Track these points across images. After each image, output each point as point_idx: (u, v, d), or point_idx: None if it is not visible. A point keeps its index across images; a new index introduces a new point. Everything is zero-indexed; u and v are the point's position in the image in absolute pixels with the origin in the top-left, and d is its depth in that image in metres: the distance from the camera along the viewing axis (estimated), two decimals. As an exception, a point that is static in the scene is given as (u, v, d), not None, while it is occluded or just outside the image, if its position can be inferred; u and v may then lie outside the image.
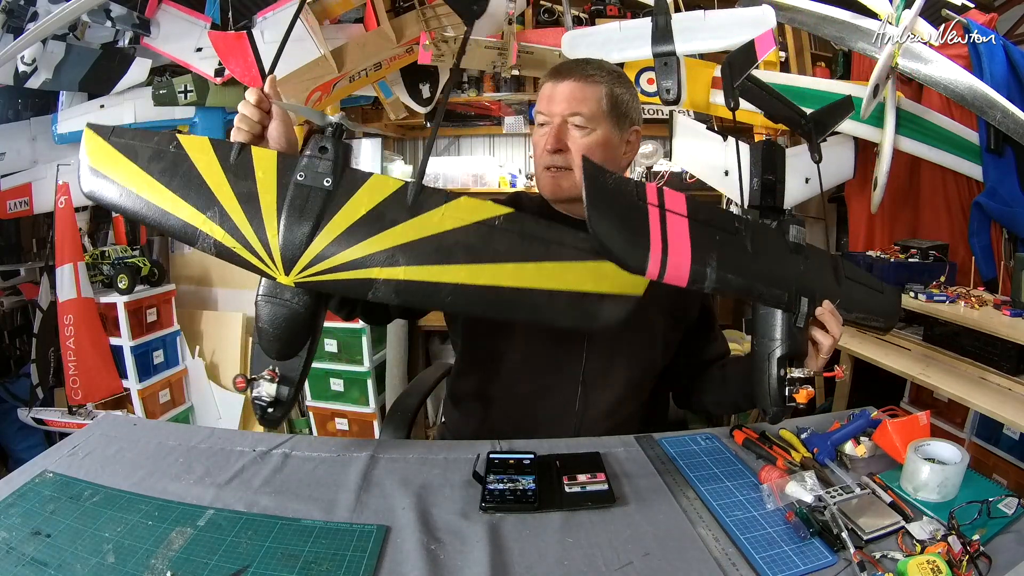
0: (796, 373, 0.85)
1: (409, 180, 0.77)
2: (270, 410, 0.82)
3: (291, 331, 0.79)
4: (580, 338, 1.08)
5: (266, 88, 0.86)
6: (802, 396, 0.85)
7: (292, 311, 0.78)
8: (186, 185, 0.75)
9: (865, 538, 0.72)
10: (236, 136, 0.84)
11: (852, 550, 0.68)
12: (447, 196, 0.77)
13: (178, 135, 0.78)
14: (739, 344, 2.29)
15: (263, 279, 0.78)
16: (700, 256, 0.76)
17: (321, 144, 0.77)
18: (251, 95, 0.85)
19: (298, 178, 0.76)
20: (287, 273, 0.74)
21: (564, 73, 1.07)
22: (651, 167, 2.82)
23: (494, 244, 0.76)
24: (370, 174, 0.77)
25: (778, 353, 0.85)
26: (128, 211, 0.76)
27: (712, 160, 2.38)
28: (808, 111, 0.99)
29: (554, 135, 1.05)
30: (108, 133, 0.79)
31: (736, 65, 0.93)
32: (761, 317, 0.88)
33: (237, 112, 0.84)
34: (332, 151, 0.77)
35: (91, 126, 0.80)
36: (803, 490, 0.77)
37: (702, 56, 2.33)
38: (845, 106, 1.01)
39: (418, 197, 0.76)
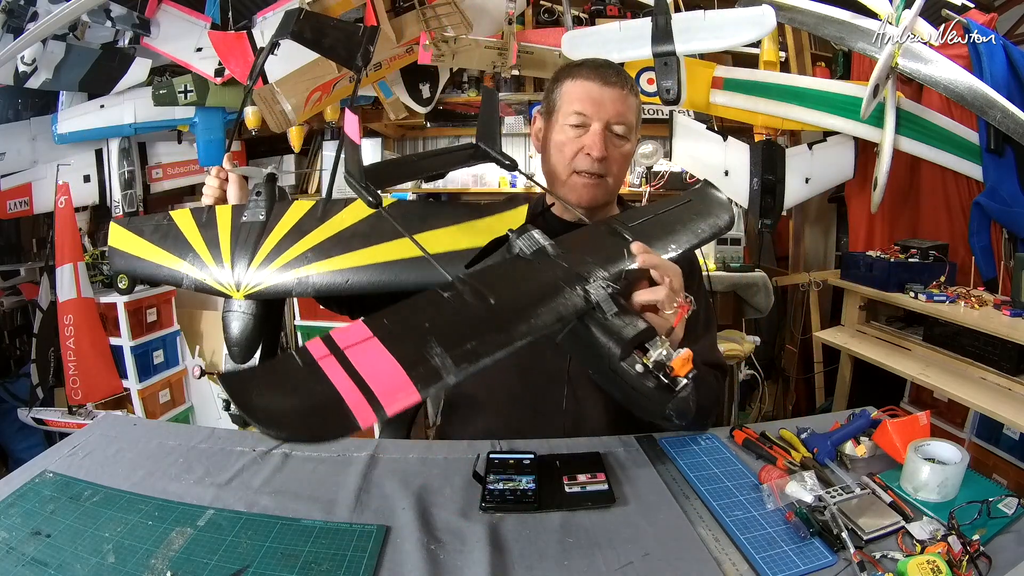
0: (655, 356, 0.69)
1: (322, 198, 0.93)
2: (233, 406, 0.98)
3: (245, 335, 0.96)
4: None
5: (224, 163, 1.04)
6: (680, 365, 0.68)
7: (244, 318, 0.96)
8: (174, 244, 0.95)
9: (865, 538, 0.72)
10: (204, 201, 1.05)
11: (852, 550, 0.68)
12: (348, 201, 0.91)
13: (170, 211, 0.99)
14: (738, 344, 2.29)
15: (225, 299, 0.94)
16: (415, 357, 0.62)
17: (256, 189, 0.95)
18: (212, 170, 1.06)
19: (243, 219, 0.94)
20: (238, 291, 0.90)
21: (610, 79, 1.05)
22: (651, 167, 2.82)
23: (381, 228, 0.88)
24: (292, 201, 0.94)
25: (618, 356, 0.70)
26: (140, 273, 0.97)
27: (712, 160, 2.39)
28: None
29: (602, 141, 1.04)
30: (127, 224, 0.99)
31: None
32: (566, 340, 0.74)
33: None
34: (265, 192, 0.94)
35: (116, 221, 1.00)
36: (803, 490, 0.77)
37: (702, 56, 2.33)
38: None
39: (325, 207, 0.91)
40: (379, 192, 0.85)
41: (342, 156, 0.95)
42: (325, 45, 1.09)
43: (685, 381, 0.69)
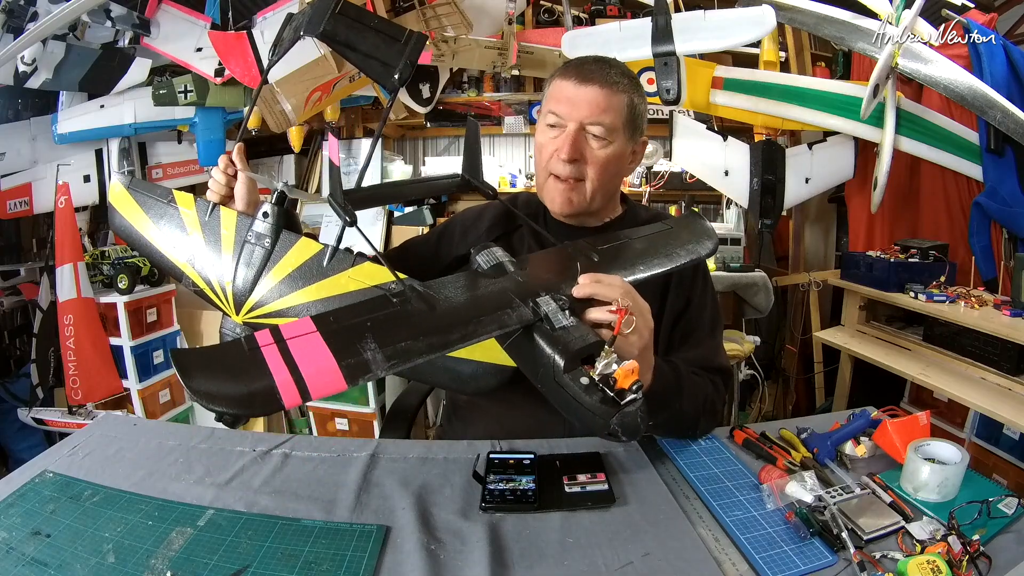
0: (602, 368, 0.68)
1: (327, 243, 0.89)
2: (225, 416, 1.00)
3: None
4: None
5: (234, 156, 0.97)
6: (623, 376, 0.67)
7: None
8: (175, 235, 0.93)
9: (865, 538, 0.72)
10: (210, 197, 0.98)
11: (852, 550, 0.68)
12: (354, 260, 0.88)
13: (173, 191, 0.95)
14: (738, 344, 2.29)
15: (224, 315, 0.94)
16: (347, 350, 0.66)
17: (264, 210, 0.91)
18: (220, 160, 0.97)
19: (248, 238, 0.91)
20: (237, 313, 0.89)
21: (588, 77, 0.99)
22: (651, 167, 2.82)
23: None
24: (299, 237, 0.90)
25: (562, 368, 0.69)
26: (139, 250, 0.96)
27: (712, 160, 2.39)
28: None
29: (571, 143, 0.98)
30: (129, 185, 0.97)
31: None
32: (512, 349, 0.76)
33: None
34: (273, 216, 0.90)
35: (119, 179, 0.99)
36: (803, 490, 0.77)
37: (702, 56, 2.33)
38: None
39: (331, 260, 0.88)
40: (355, 213, 0.85)
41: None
42: (360, 51, 0.94)
43: (632, 396, 0.67)
